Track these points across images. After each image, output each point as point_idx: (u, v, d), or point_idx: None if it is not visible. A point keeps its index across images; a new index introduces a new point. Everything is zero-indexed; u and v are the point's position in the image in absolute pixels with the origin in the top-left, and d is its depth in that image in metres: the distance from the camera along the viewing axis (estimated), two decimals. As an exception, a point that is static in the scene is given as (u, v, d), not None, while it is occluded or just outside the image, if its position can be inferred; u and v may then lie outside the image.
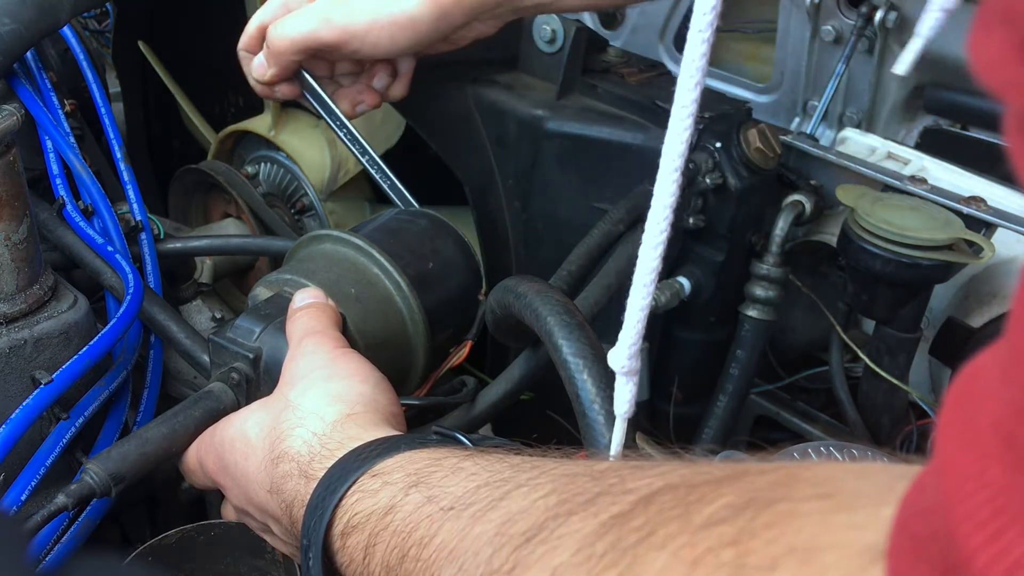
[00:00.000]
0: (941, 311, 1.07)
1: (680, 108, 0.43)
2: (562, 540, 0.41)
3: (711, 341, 1.11)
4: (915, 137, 1.23)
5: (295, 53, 0.96)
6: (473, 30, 0.98)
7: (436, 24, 0.93)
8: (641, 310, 0.49)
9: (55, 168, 1.01)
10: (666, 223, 0.45)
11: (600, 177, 1.04)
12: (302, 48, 0.95)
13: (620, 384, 0.52)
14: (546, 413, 1.07)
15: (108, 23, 1.66)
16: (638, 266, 0.47)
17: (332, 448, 0.64)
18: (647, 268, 0.47)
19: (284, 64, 0.98)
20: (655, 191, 0.45)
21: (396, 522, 0.54)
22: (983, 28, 0.26)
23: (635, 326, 0.49)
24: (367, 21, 0.93)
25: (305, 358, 0.74)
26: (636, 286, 0.48)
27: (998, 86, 0.26)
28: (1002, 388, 0.26)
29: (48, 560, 0.81)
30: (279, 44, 0.95)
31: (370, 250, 0.88)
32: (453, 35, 0.98)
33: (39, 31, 0.96)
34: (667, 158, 0.44)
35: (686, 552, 0.35)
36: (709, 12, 0.42)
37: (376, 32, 0.93)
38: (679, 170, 0.44)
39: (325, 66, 1.03)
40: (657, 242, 0.46)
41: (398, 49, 0.96)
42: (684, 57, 0.44)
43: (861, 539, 0.31)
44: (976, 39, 0.27)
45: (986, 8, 0.26)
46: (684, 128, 0.44)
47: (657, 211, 0.45)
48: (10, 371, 0.84)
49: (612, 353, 0.51)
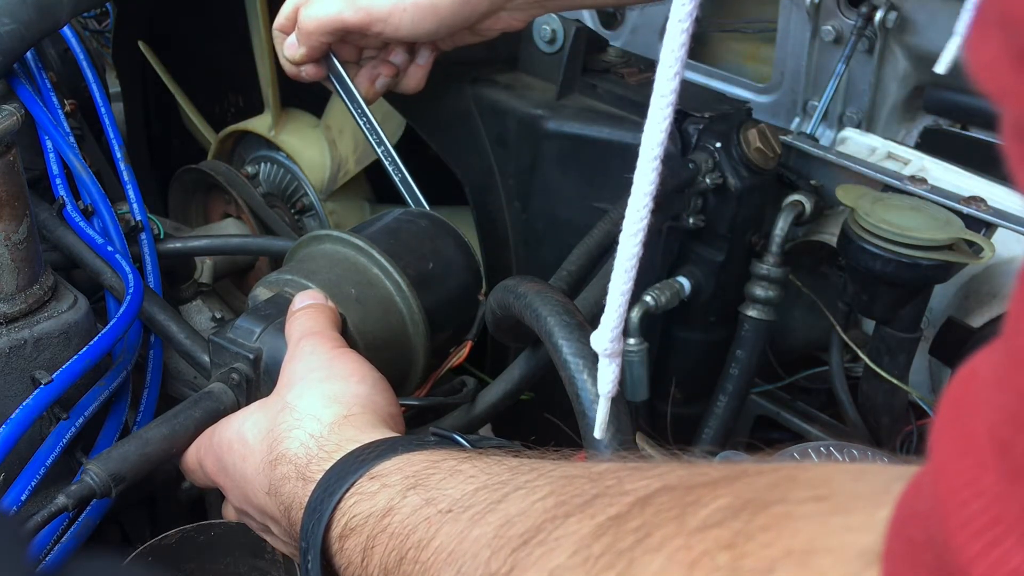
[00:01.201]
0: (941, 311, 1.07)
1: (659, 97, 0.44)
2: (559, 542, 0.41)
3: (711, 341, 1.11)
4: (915, 137, 1.23)
5: (323, 34, 0.99)
6: (500, 21, 0.99)
7: (459, 10, 0.95)
8: (622, 294, 0.50)
9: (55, 168, 1.01)
10: (646, 210, 0.47)
11: (600, 177, 1.04)
12: (329, 29, 0.98)
13: (603, 365, 0.54)
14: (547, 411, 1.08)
15: (108, 23, 1.66)
16: (619, 251, 0.49)
17: (329, 450, 0.64)
18: (628, 253, 0.48)
19: (313, 45, 1.00)
20: (635, 177, 0.46)
21: (394, 524, 0.54)
22: (980, 31, 0.26)
23: (616, 309, 0.51)
24: (390, 4, 0.95)
25: (303, 359, 0.74)
26: (617, 271, 0.49)
27: (994, 92, 0.26)
28: (998, 393, 0.26)
29: (48, 560, 0.81)
30: (308, 25, 0.98)
31: (370, 251, 0.88)
32: (479, 25, 0.99)
33: (39, 31, 0.96)
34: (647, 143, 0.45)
35: (682, 555, 0.35)
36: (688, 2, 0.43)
37: (399, 15, 0.95)
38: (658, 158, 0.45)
39: (353, 51, 1.05)
40: (637, 228, 0.48)
41: (421, 33, 0.97)
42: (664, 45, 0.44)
43: (857, 542, 0.31)
44: (973, 42, 0.26)
45: (983, 11, 0.26)
46: (664, 117, 0.45)
47: (637, 198, 0.47)
48: (10, 371, 0.84)
49: (595, 336, 0.53)
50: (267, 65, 1.25)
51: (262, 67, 1.27)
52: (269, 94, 1.28)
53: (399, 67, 1.06)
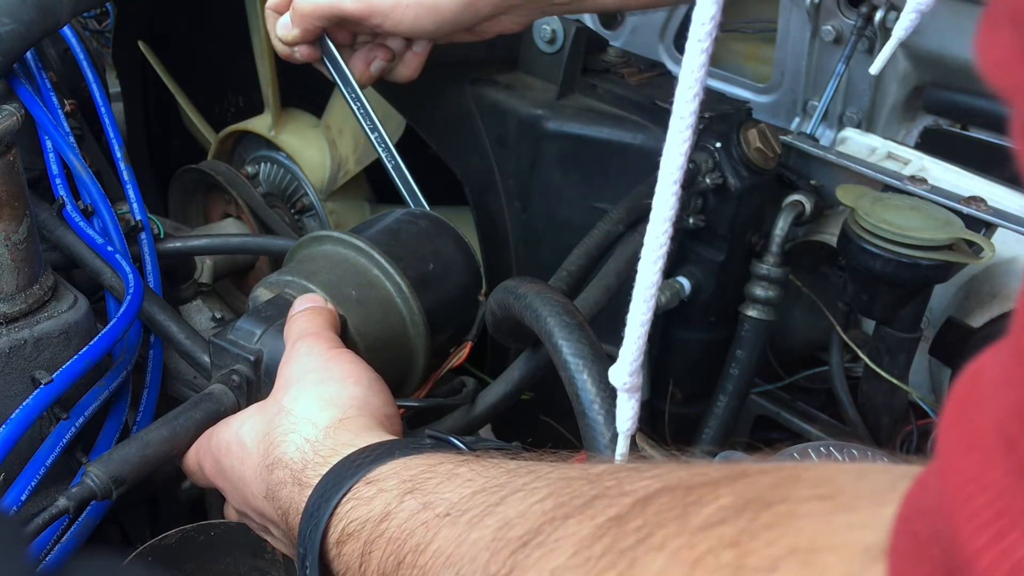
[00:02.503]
0: (941, 311, 1.07)
1: (679, 119, 0.43)
2: (559, 543, 0.41)
3: (711, 341, 1.11)
4: (915, 137, 1.23)
5: (319, 19, 0.98)
6: (499, 24, 0.99)
7: (461, 12, 0.95)
8: (642, 325, 0.47)
9: (55, 168, 1.01)
10: (665, 237, 0.44)
11: (600, 177, 1.04)
12: (326, 15, 0.97)
13: (622, 401, 0.51)
14: (546, 412, 1.08)
15: (108, 23, 1.66)
16: (638, 280, 0.46)
17: (325, 455, 0.64)
18: (647, 282, 0.45)
19: (308, 28, 0.99)
20: (654, 203, 0.44)
21: (392, 529, 0.54)
22: (990, 27, 0.26)
23: (636, 341, 0.48)
24: (392, 1, 0.94)
25: (299, 361, 0.73)
26: (636, 301, 0.46)
27: (1004, 88, 0.26)
28: (1005, 390, 0.26)
29: (48, 560, 0.81)
30: (304, 7, 0.97)
31: (371, 252, 0.88)
32: (479, 27, 0.98)
33: (39, 31, 0.96)
34: (666, 170, 0.43)
35: (685, 553, 0.35)
36: (708, 22, 0.42)
37: (400, 12, 0.94)
38: (678, 182, 0.43)
39: (348, 35, 1.03)
40: (657, 256, 0.45)
41: (421, 30, 0.97)
42: (683, 67, 0.43)
43: (862, 539, 0.31)
44: (983, 38, 0.26)
45: (994, 8, 0.26)
46: (683, 140, 0.43)
47: (656, 224, 0.44)
48: (10, 371, 0.84)
49: (613, 370, 0.50)
50: (267, 65, 1.25)
51: (262, 67, 1.27)
52: (269, 94, 1.28)
53: (395, 52, 1.04)
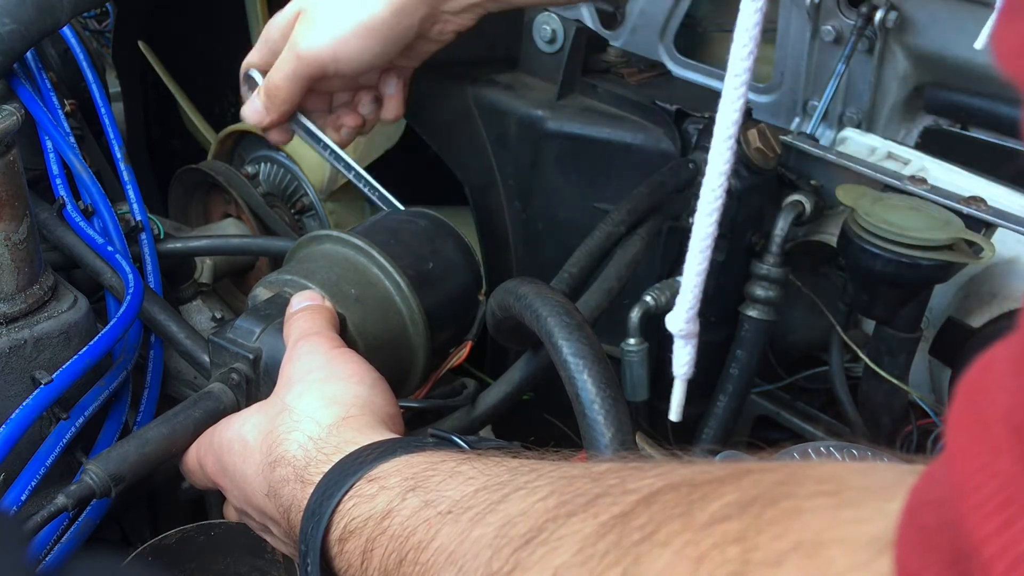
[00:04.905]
0: (941, 311, 1.07)
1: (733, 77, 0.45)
2: (562, 541, 0.41)
3: (711, 341, 1.11)
4: (915, 137, 1.23)
5: (291, 97, 0.98)
6: (449, 23, 0.97)
7: (396, 20, 0.93)
8: (698, 275, 0.50)
9: (55, 168, 1.01)
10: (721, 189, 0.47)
11: (600, 177, 1.04)
12: (296, 89, 0.97)
13: (679, 347, 0.54)
14: (546, 412, 1.08)
15: (108, 23, 1.66)
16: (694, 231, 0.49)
17: (328, 453, 0.64)
18: (703, 233, 0.48)
19: (283, 111, 0.99)
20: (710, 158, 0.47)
21: (394, 527, 0.54)
22: (1007, 17, 0.26)
23: (692, 291, 0.51)
24: (331, 41, 0.93)
25: (301, 360, 0.74)
26: (692, 252, 0.49)
27: (1017, 76, 0.26)
28: (1012, 380, 0.26)
29: (48, 560, 0.81)
30: (280, 93, 0.97)
31: (370, 251, 0.88)
32: (429, 31, 0.97)
33: (39, 31, 0.96)
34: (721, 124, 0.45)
35: (690, 549, 0.35)
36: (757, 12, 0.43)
37: (343, 47, 0.93)
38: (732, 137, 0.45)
39: (322, 99, 1.03)
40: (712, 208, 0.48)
41: (373, 56, 0.95)
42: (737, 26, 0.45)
43: (867, 532, 0.31)
44: (1000, 29, 0.26)
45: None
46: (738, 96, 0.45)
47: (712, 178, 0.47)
48: (10, 371, 0.84)
49: (670, 316, 0.52)
50: (267, 65, 1.25)
51: (262, 67, 1.26)
52: (269, 94, 1.27)
53: (367, 117, 1.04)
